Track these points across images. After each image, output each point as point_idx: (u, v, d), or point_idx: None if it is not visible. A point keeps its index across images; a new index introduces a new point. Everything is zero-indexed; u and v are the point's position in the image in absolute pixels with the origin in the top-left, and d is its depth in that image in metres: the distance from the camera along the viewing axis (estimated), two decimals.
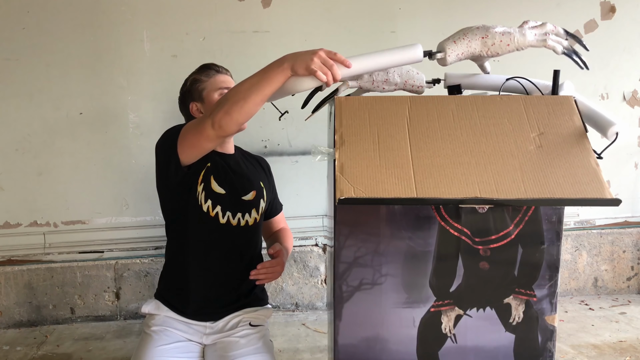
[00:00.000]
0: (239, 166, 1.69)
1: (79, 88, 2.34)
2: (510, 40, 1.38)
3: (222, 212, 1.60)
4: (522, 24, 1.41)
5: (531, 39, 1.38)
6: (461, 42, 1.40)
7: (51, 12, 2.27)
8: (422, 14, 2.49)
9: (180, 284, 1.62)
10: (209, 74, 1.69)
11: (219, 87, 1.67)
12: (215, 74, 1.69)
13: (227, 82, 1.68)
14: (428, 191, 1.14)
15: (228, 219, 1.61)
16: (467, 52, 1.40)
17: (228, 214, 1.61)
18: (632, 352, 2.15)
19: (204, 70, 1.70)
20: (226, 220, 1.60)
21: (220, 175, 1.62)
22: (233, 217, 1.61)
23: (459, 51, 1.40)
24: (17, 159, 2.35)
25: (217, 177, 1.61)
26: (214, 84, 1.67)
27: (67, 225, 2.42)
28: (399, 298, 1.35)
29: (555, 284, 1.35)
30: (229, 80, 1.70)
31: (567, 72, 1.83)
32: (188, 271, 1.61)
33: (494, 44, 1.39)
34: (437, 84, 1.61)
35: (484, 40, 1.40)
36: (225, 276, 1.62)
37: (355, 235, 1.33)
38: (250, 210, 1.65)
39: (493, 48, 1.39)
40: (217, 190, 1.59)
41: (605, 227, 2.78)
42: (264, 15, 2.39)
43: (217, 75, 1.69)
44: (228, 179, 1.63)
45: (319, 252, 2.58)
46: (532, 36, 1.38)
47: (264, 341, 1.57)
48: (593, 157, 1.20)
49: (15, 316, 2.44)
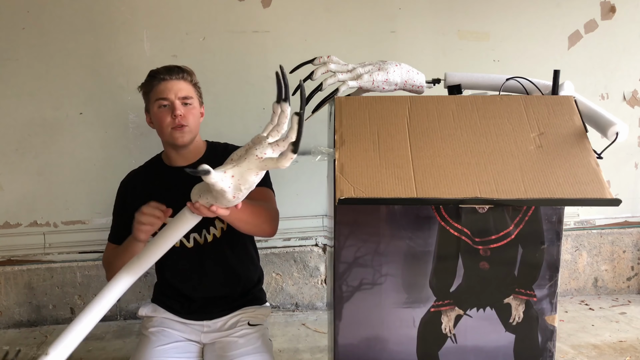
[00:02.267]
0: (183, 182, 1.39)
1: (79, 88, 2.34)
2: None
3: (185, 239, 1.54)
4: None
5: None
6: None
7: (51, 12, 2.27)
8: (422, 14, 2.49)
9: (173, 292, 1.63)
10: (151, 84, 1.56)
11: (156, 98, 1.53)
12: (157, 84, 1.54)
13: (164, 92, 1.52)
14: (428, 191, 1.14)
15: (195, 241, 1.56)
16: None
17: (193, 235, 1.55)
18: (632, 352, 2.15)
19: (147, 80, 1.58)
20: (193, 243, 1.56)
21: (165, 204, 1.46)
22: (200, 235, 1.55)
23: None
24: (17, 159, 2.35)
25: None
26: (153, 95, 1.55)
27: (67, 225, 2.42)
28: (399, 298, 1.35)
29: (555, 284, 1.35)
30: (168, 88, 1.52)
31: (567, 72, 1.82)
32: (177, 286, 1.62)
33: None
34: (437, 84, 1.61)
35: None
36: (216, 284, 1.61)
37: (355, 235, 1.33)
38: (213, 222, 1.55)
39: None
40: (167, 222, 1.47)
41: (605, 227, 2.78)
42: (264, 15, 2.39)
43: (158, 84, 1.53)
44: (177, 204, 1.36)
45: (319, 252, 2.58)
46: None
47: (263, 340, 1.57)
48: (593, 157, 1.20)
49: (15, 316, 2.44)
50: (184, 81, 1.55)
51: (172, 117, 1.51)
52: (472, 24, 2.52)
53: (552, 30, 2.56)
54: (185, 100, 1.54)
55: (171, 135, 1.53)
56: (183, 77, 1.56)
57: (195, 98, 1.58)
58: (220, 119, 2.37)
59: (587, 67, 2.60)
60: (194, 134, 1.56)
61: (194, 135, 1.57)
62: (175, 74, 1.55)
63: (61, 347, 1.23)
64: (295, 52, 2.32)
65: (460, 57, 2.52)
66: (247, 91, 2.39)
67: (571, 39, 2.58)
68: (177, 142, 1.53)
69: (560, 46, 2.58)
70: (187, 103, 1.54)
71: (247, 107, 2.40)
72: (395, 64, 1.49)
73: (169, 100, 1.52)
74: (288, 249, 2.54)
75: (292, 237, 2.54)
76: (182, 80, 1.55)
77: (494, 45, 2.54)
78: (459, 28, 2.52)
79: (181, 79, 1.55)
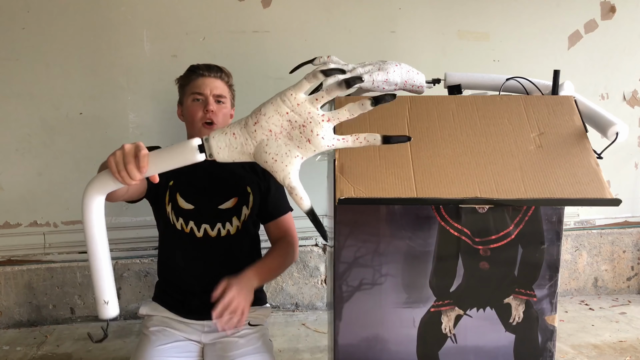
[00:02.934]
0: (214, 172, 1.60)
1: (79, 88, 2.34)
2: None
3: (196, 227, 1.57)
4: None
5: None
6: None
7: (51, 12, 2.27)
8: (422, 14, 2.49)
9: (174, 290, 1.62)
10: (189, 78, 1.63)
11: (192, 92, 1.60)
12: (195, 78, 1.61)
13: (201, 87, 1.59)
14: (428, 191, 1.14)
15: (205, 232, 1.58)
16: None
17: (204, 226, 1.57)
18: (632, 352, 2.15)
19: (186, 74, 1.65)
20: (203, 234, 1.58)
21: (187, 190, 1.58)
22: (212, 228, 1.57)
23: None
24: (17, 159, 2.35)
25: (183, 194, 1.58)
26: (189, 89, 1.61)
27: (67, 225, 2.42)
28: (399, 298, 1.35)
29: (555, 284, 1.35)
30: (205, 84, 1.59)
31: (567, 72, 1.83)
32: (179, 280, 1.62)
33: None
34: (437, 84, 1.61)
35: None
36: (218, 279, 1.60)
37: (355, 235, 1.33)
38: (230, 218, 1.59)
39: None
40: (185, 207, 1.57)
41: (605, 227, 2.78)
42: (264, 15, 2.39)
43: (196, 79, 1.61)
44: (198, 191, 1.58)
45: (319, 252, 2.58)
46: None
47: (264, 341, 1.57)
48: (593, 157, 1.20)
49: (15, 316, 2.44)
50: (220, 80, 1.62)
51: (204, 112, 1.57)
52: (472, 24, 2.52)
53: (552, 30, 2.56)
54: (219, 98, 1.60)
55: (200, 131, 1.57)
56: (220, 76, 1.63)
57: (228, 98, 1.64)
58: None
59: (587, 67, 2.61)
60: None
61: None
62: (213, 72, 1.62)
63: (108, 291, 1.18)
64: (295, 52, 2.33)
65: (460, 57, 2.52)
66: (247, 91, 2.39)
67: (571, 39, 2.58)
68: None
69: (560, 46, 2.58)
70: (220, 101, 1.60)
71: (247, 107, 2.39)
72: (395, 64, 1.49)
73: (204, 95, 1.58)
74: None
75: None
76: (219, 79, 1.62)
77: (494, 45, 2.54)
78: (459, 28, 2.52)
79: (218, 77, 1.62)
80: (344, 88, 1.02)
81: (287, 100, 1.06)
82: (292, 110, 1.06)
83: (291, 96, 1.06)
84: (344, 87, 1.02)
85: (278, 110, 1.06)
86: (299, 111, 1.06)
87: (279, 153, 1.06)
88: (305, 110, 1.06)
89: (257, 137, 1.07)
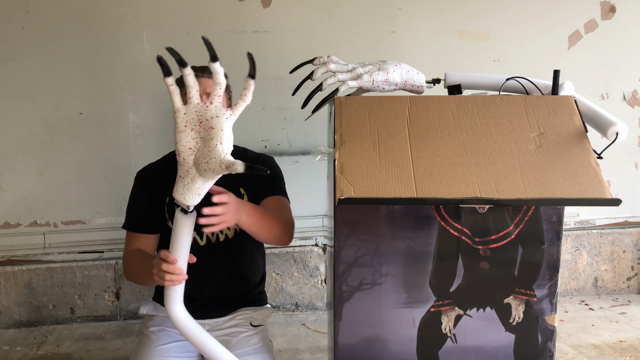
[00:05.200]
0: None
1: (79, 88, 2.34)
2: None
3: (198, 236, 1.58)
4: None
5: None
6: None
7: (51, 12, 2.27)
8: (422, 14, 2.49)
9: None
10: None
11: (185, 93, 1.58)
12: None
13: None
14: (428, 191, 1.14)
15: (207, 238, 1.59)
16: None
17: (205, 234, 1.58)
18: (632, 352, 2.15)
19: (181, 76, 1.61)
20: (205, 241, 1.59)
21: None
22: (212, 234, 1.58)
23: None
24: (17, 159, 2.35)
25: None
26: (183, 90, 1.58)
27: (67, 225, 2.42)
28: (399, 298, 1.35)
29: (555, 284, 1.35)
30: (200, 84, 1.52)
31: (567, 72, 1.83)
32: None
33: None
34: (437, 84, 1.61)
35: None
36: (220, 284, 1.62)
37: (355, 235, 1.33)
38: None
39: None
40: None
41: (605, 227, 2.78)
42: (264, 15, 2.39)
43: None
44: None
45: (319, 252, 2.58)
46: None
47: (264, 341, 1.57)
48: (593, 157, 1.20)
49: (15, 316, 2.44)
50: (205, 78, 1.60)
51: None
52: (472, 24, 2.52)
53: (552, 30, 2.56)
54: None
55: None
56: (208, 75, 1.58)
57: (224, 99, 1.58)
58: None
59: (587, 67, 2.61)
60: None
61: None
62: (208, 73, 1.53)
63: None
64: (295, 52, 2.32)
65: (460, 57, 2.52)
66: None
67: (571, 39, 2.58)
68: None
69: (560, 46, 2.58)
70: None
71: (246, 107, 2.40)
72: (395, 64, 1.49)
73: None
74: (288, 249, 2.54)
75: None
76: (207, 77, 1.59)
77: (494, 45, 2.54)
78: (459, 28, 2.52)
79: (208, 77, 1.58)
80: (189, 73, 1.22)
81: (176, 118, 1.21)
82: (186, 122, 1.21)
83: (176, 113, 1.23)
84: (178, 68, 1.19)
85: (179, 130, 1.20)
86: (189, 117, 1.21)
87: (205, 155, 1.16)
88: (191, 111, 1.22)
89: (189, 162, 1.19)
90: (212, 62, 1.24)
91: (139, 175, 1.67)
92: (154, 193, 1.60)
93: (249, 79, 1.27)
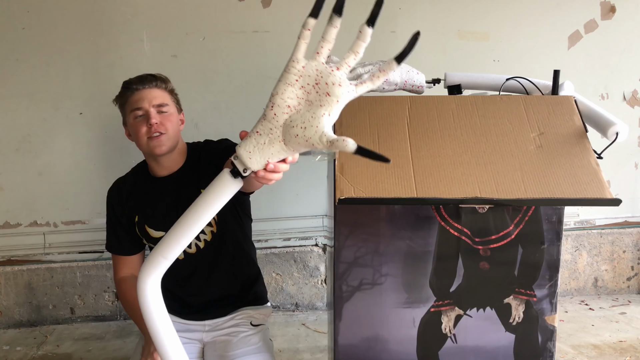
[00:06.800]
0: (171, 193, 1.54)
1: (79, 88, 2.34)
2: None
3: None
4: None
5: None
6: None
7: (51, 12, 2.27)
8: (422, 14, 2.49)
9: (172, 295, 1.62)
10: (125, 95, 1.53)
11: (131, 109, 1.50)
12: (131, 95, 1.51)
13: (139, 101, 1.49)
14: (428, 191, 1.14)
15: (184, 250, 1.55)
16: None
17: (193, 240, 1.53)
18: (632, 352, 2.15)
19: (121, 92, 1.55)
20: (184, 254, 1.53)
21: (153, 220, 1.54)
22: (189, 246, 1.51)
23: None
24: (17, 159, 2.35)
25: (151, 224, 1.54)
26: (128, 107, 1.52)
27: (67, 225, 2.42)
28: (399, 298, 1.35)
29: (555, 284, 1.35)
30: (142, 97, 1.50)
31: (567, 72, 1.82)
32: (177, 295, 1.61)
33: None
34: (437, 84, 1.61)
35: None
36: (215, 287, 1.61)
37: (355, 235, 1.33)
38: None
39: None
40: (157, 236, 1.52)
41: (605, 227, 2.78)
42: (264, 15, 2.39)
43: (132, 95, 1.51)
44: (164, 217, 1.52)
45: (319, 252, 2.58)
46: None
47: (264, 340, 1.57)
48: (593, 157, 1.20)
49: (15, 316, 2.44)
50: (157, 89, 1.52)
51: (148, 126, 1.47)
52: (472, 24, 2.52)
53: (552, 30, 2.56)
54: (161, 107, 1.50)
55: (148, 146, 1.48)
56: (157, 84, 1.52)
57: (171, 105, 1.54)
58: (220, 119, 2.36)
59: (587, 67, 2.60)
60: (173, 142, 1.50)
61: (174, 143, 1.51)
62: (148, 83, 1.52)
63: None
64: None
65: (460, 57, 2.52)
66: (247, 91, 2.39)
67: (571, 39, 2.58)
68: (155, 152, 1.48)
69: (560, 46, 2.58)
70: (162, 111, 1.50)
71: (247, 107, 2.40)
72: None
73: (144, 109, 1.48)
74: (288, 249, 2.54)
75: (292, 237, 2.54)
76: (155, 88, 1.51)
77: (494, 45, 2.54)
78: (459, 28, 2.52)
79: (155, 87, 1.51)
80: (336, 25, 1.04)
81: (291, 68, 1.04)
82: (300, 76, 1.04)
83: (293, 62, 1.05)
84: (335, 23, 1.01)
85: (287, 82, 1.03)
86: (306, 73, 1.04)
87: (305, 120, 1.00)
88: (312, 68, 1.04)
89: (279, 120, 1.02)
90: (368, 26, 1.05)
91: (108, 195, 1.63)
92: (121, 214, 1.57)
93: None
